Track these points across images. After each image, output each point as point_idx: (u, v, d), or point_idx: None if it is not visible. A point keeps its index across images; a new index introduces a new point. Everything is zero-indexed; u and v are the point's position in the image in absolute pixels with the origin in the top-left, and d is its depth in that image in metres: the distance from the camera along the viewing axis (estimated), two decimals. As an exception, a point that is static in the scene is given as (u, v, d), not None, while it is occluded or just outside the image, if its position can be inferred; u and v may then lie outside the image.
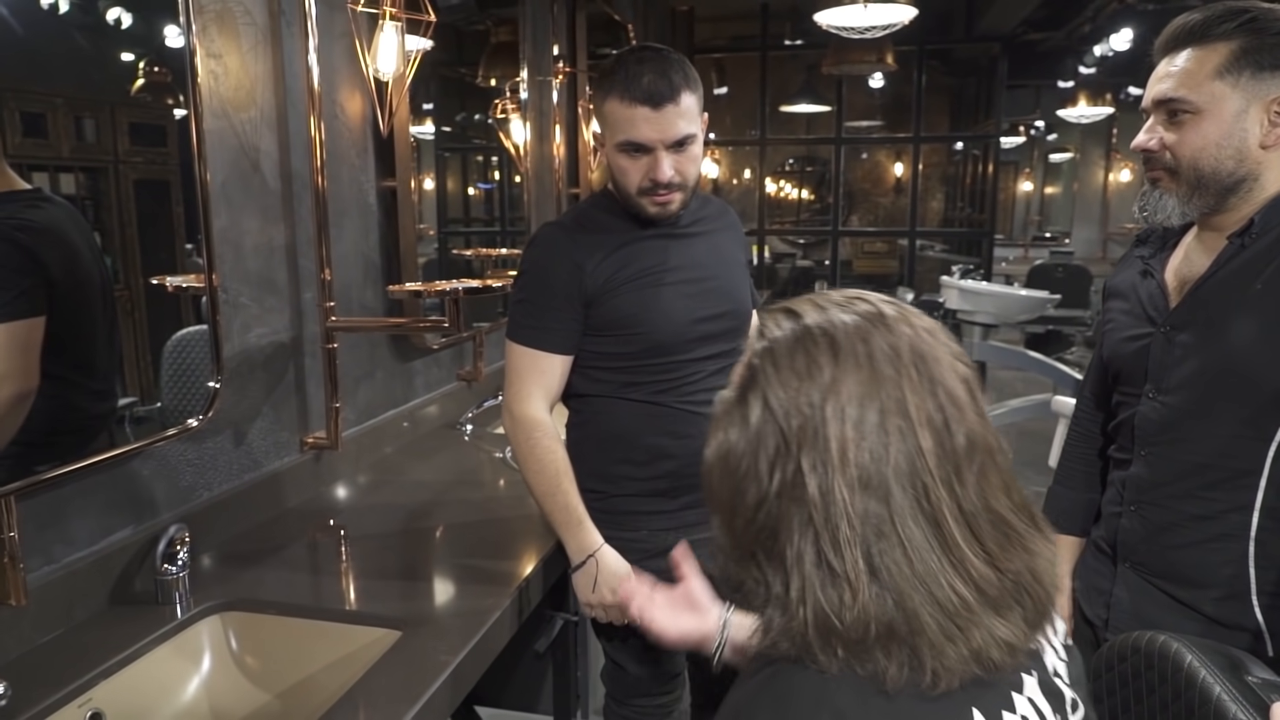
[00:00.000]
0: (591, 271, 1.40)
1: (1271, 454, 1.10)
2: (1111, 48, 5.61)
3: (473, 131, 2.86)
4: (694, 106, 1.36)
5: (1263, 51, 1.09)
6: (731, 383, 0.69)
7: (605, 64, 1.38)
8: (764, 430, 0.64)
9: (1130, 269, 1.32)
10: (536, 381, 1.40)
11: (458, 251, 2.83)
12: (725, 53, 7.26)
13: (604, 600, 1.36)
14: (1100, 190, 9.39)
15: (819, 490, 0.62)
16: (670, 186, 1.37)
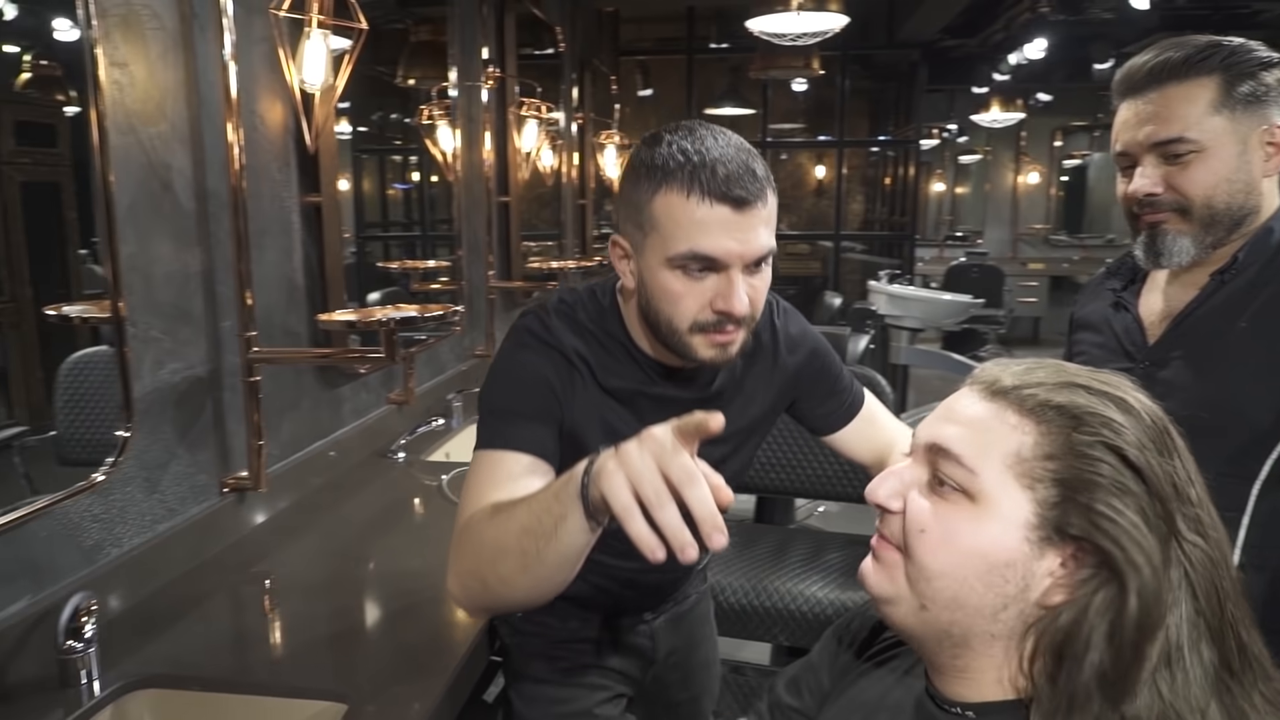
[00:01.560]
0: (569, 423, 1.11)
1: (1255, 494, 1.09)
2: (1025, 56, 5.77)
3: (390, 132, 2.73)
4: (776, 208, 1.04)
5: (1246, 82, 1.08)
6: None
7: (648, 143, 1.04)
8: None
9: (1100, 300, 1.30)
10: (491, 492, 1.02)
11: (382, 265, 2.69)
12: (651, 55, 7.21)
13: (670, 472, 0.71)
14: (1010, 192, 9.70)
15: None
16: (740, 322, 1.04)
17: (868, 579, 0.76)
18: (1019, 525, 0.68)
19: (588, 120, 4.67)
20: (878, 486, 0.76)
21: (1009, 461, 0.69)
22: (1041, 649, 0.69)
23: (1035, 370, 0.74)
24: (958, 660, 0.73)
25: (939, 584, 0.70)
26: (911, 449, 0.77)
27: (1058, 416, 0.69)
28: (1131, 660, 0.64)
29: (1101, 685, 0.65)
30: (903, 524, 0.73)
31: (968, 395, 0.75)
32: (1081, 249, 9.61)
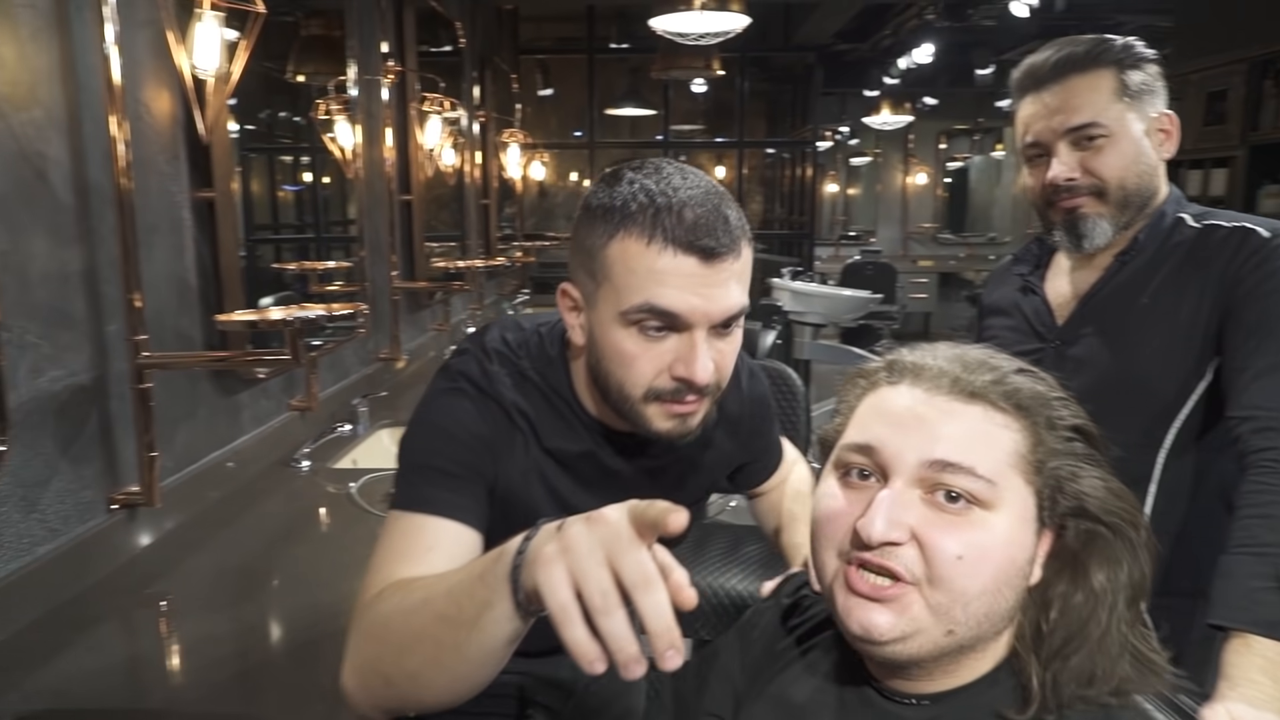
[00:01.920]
0: (503, 484, 0.98)
1: (1161, 461, 1.16)
2: (913, 61, 5.99)
3: (280, 130, 2.60)
4: (750, 262, 0.91)
5: (1137, 73, 1.15)
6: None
7: (607, 181, 0.91)
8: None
9: (1008, 286, 1.35)
10: (405, 566, 0.87)
11: (278, 266, 2.56)
12: (551, 54, 7.16)
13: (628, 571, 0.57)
14: (900, 192, 10.07)
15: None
16: (703, 391, 0.91)
17: (880, 628, 0.68)
18: (1029, 520, 0.70)
19: (490, 119, 4.60)
20: (870, 525, 0.67)
21: (1013, 461, 0.70)
22: (1024, 628, 0.71)
23: (969, 360, 0.74)
24: (950, 665, 0.72)
25: (975, 605, 0.67)
26: (881, 470, 0.71)
27: (1033, 406, 0.71)
28: (1134, 615, 0.70)
29: (1076, 640, 0.69)
30: (920, 555, 0.67)
31: (930, 397, 0.72)
32: (966, 246, 10.06)
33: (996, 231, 10.15)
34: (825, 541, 0.74)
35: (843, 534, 0.71)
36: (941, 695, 0.72)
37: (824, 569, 0.74)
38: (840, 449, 0.76)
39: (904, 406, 0.73)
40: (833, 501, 0.74)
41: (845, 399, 0.80)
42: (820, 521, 0.75)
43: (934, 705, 0.72)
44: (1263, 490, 1.01)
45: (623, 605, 0.55)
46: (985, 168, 10.27)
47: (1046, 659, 0.69)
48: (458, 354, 1.03)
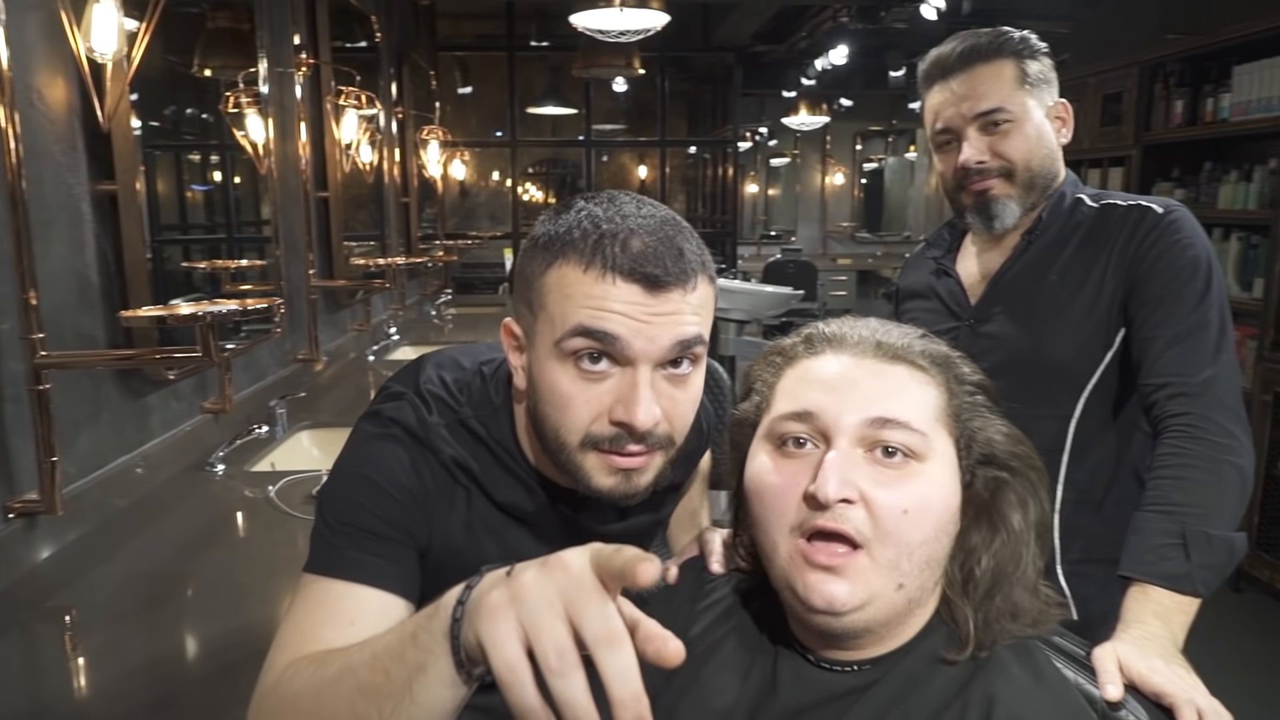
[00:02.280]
0: (440, 544, 0.88)
1: (1072, 431, 1.21)
2: (829, 62, 6.13)
3: (187, 127, 2.50)
4: (711, 300, 0.83)
5: (1035, 62, 1.21)
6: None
7: (555, 210, 0.84)
8: None
9: (922, 270, 1.40)
10: (320, 639, 0.76)
11: (188, 265, 2.46)
12: (470, 51, 7.07)
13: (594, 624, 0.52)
14: (819, 192, 10.29)
15: None
16: (647, 440, 0.80)
17: (841, 598, 0.68)
18: (954, 469, 0.74)
19: (408, 115, 4.51)
20: (824, 486, 0.67)
21: (937, 415, 0.74)
22: (954, 574, 0.75)
23: (881, 327, 0.78)
24: (897, 626, 0.73)
25: (918, 554, 0.70)
26: (822, 434, 0.72)
27: (944, 364, 0.76)
28: (1040, 551, 0.75)
29: (1001, 580, 0.73)
30: (868, 514, 0.69)
31: (859, 362, 0.75)
32: (883, 245, 10.34)
33: (911, 230, 10.46)
34: (773, 518, 0.72)
35: (793, 506, 0.71)
36: (881, 658, 0.74)
37: (775, 549, 0.73)
38: (772, 421, 0.76)
39: (835, 372, 0.75)
40: (773, 477, 0.73)
41: (760, 378, 0.81)
42: (764, 499, 0.74)
43: (874, 669, 0.74)
44: (1175, 453, 1.07)
45: (581, 667, 0.47)
46: (900, 169, 10.58)
47: (979, 601, 0.73)
48: (389, 398, 0.92)
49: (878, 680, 0.73)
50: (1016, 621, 0.73)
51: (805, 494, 0.70)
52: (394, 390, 0.92)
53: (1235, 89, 3.43)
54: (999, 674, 0.70)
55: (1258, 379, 3.27)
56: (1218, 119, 3.56)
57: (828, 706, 0.74)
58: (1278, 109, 3.18)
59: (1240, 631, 3.09)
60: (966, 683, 0.71)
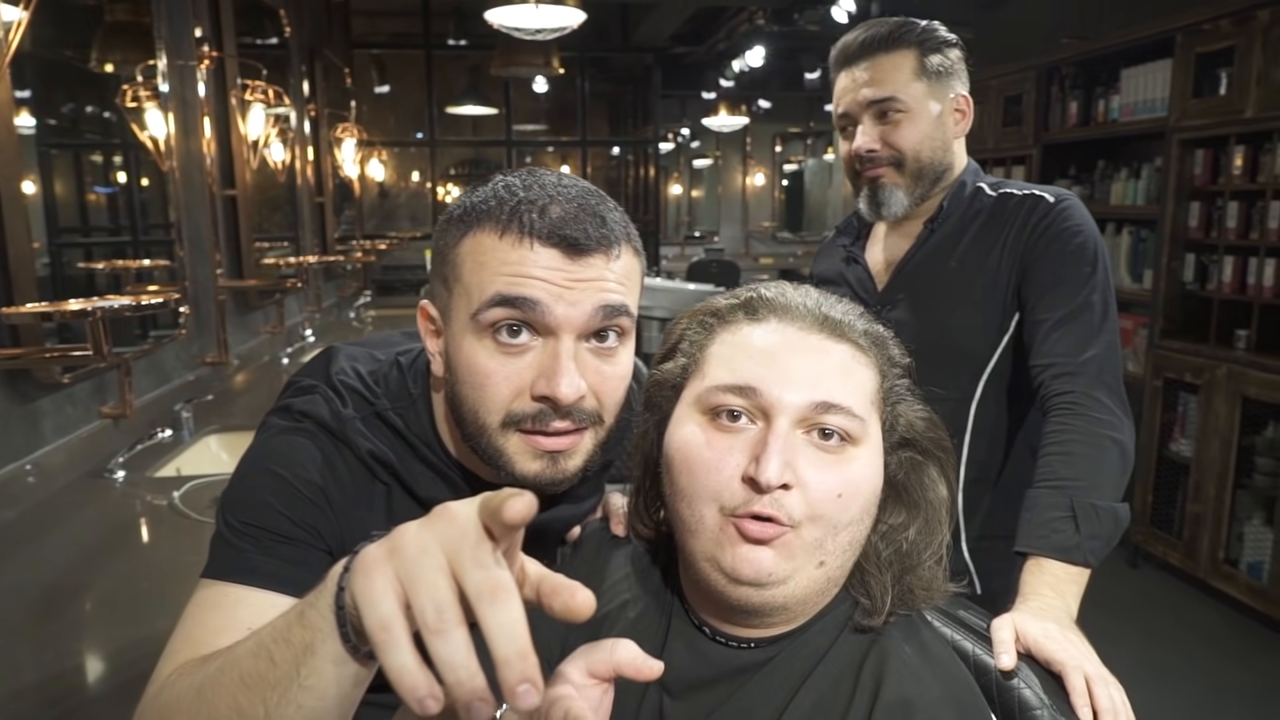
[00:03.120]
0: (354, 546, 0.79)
1: (972, 413, 1.26)
2: (747, 64, 6.23)
3: (87, 125, 2.39)
4: (637, 272, 0.80)
5: (937, 55, 1.25)
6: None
7: (473, 186, 0.80)
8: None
9: (833, 257, 1.43)
10: (216, 643, 0.70)
11: (85, 265, 2.35)
12: (386, 49, 6.95)
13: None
14: (740, 193, 10.44)
15: None
16: (573, 416, 0.76)
17: (768, 568, 0.67)
18: (881, 452, 0.74)
19: (321, 113, 4.41)
20: (767, 468, 0.65)
21: (872, 398, 0.72)
22: (875, 549, 0.75)
23: (829, 299, 0.76)
24: (808, 606, 0.73)
25: (844, 534, 0.69)
26: (762, 411, 0.69)
27: (880, 345, 0.75)
28: (941, 529, 0.76)
29: (920, 556, 0.75)
30: (802, 497, 0.67)
31: (804, 336, 0.71)
32: (804, 245, 10.55)
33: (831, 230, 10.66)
34: (705, 494, 0.69)
35: (728, 486, 0.68)
36: (779, 637, 0.74)
37: (700, 522, 0.70)
38: (706, 391, 0.71)
39: (780, 345, 0.71)
40: (706, 450, 0.70)
41: (688, 338, 0.76)
42: (694, 472, 0.70)
43: (772, 646, 0.74)
44: (1061, 430, 1.12)
45: (464, 624, 0.42)
46: (819, 170, 10.81)
47: (897, 575, 0.74)
48: (299, 391, 0.86)
49: (774, 657, 0.73)
50: (929, 593, 0.75)
51: (744, 475, 0.67)
52: (304, 383, 0.87)
53: (1123, 91, 3.62)
54: (889, 655, 0.71)
55: (1149, 365, 3.45)
56: (1109, 119, 3.74)
57: (723, 683, 0.74)
58: (1161, 110, 3.37)
59: (1136, 605, 3.26)
60: (859, 662, 0.71)
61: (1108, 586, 3.40)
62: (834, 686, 0.71)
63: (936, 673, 0.70)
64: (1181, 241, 3.34)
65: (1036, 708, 0.79)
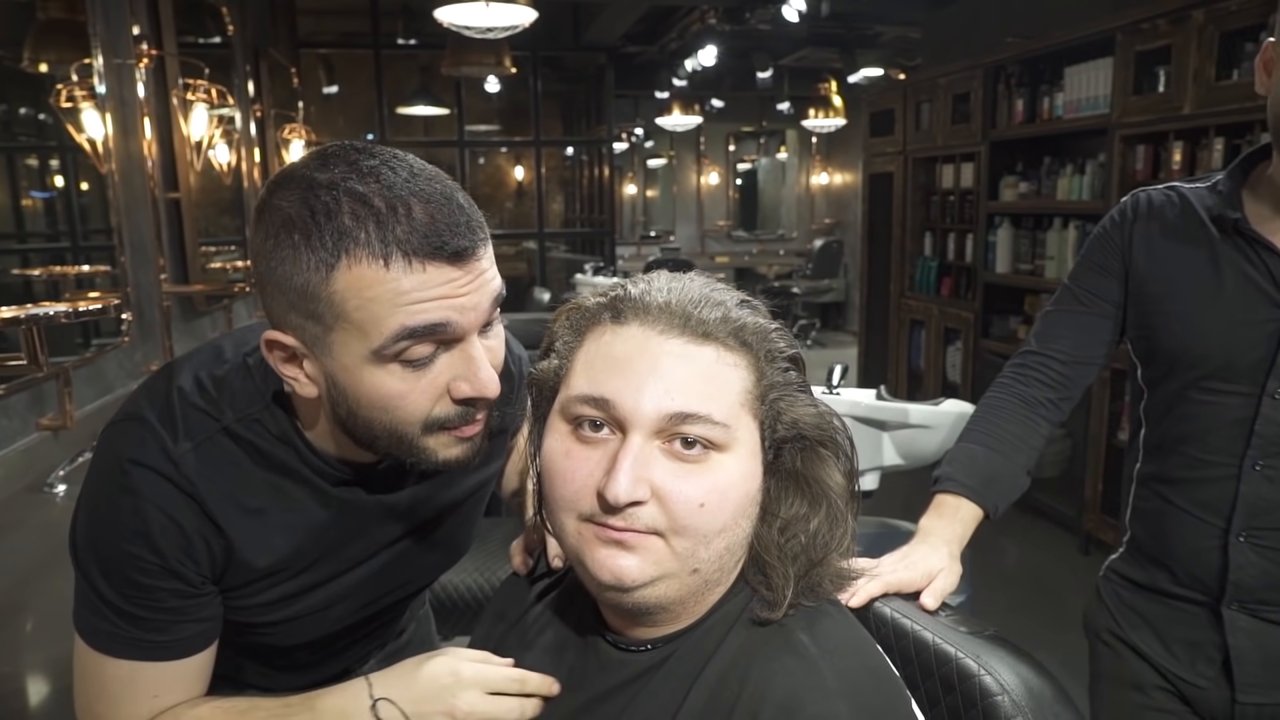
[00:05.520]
0: (237, 563, 0.81)
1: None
2: (699, 63, 6.24)
3: (21, 128, 2.31)
4: (491, 249, 0.78)
5: None
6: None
7: (292, 186, 0.71)
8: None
9: (1174, 238, 1.13)
10: (150, 705, 0.80)
11: (18, 271, 2.27)
12: (334, 48, 6.83)
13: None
14: (695, 192, 10.47)
15: None
16: (491, 404, 0.79)
17: (630, 573, 0.66)
18: (756, 453, 0.71)
19: (268, 114, 4.32)
20: (615, 485, 0.64)
21: (743, 400, 0.69)
22: (770, 542, 0.73)
23: (694, 295, 0.70)
24: (694, 604, 0.72)
25: (717, 542, 0.68)
26: (617, 423, 0.68)
27: (755, 341, 0.71)
28: (846, 517, 0.74)
29: (827, 549, 0.73)
30: (661, 509, 0.66)
31: (664, 341, 0.68)
32: (758, 243, 10.64)
33: (785, 228, 10.79)
34: (564, 504, 0.69)
35: (584, 497, 0.68)
36: (674, 635, 0.73)
37: (563, 528, 0.70)
38: (568, 400, 0.71)
39: (635, 353, 0.68)
40: (565, 461, 0.69)
41: (560, 337, 0.74)
42: (555, 481, 0.70)
43: (667, 645, 0.73)
44: None
45: None
46: (772, 169, 10.90)
47: (803, 570, 0.72)
48: (126, 422, 0.79)
49: (669, 658, 0.72)
50: (838, 583, 0.74)
51: (598, 490, 0.66)
52: (135, 412, 0.79)
53: (1067, 88, 3.69)
54: (783, 647, 0.68)
55: (1096, 356, 3.52)
56: (1053, 116, 3.82)
57: (624, 690, 0.73)
58: (1104, 107, 3.45)
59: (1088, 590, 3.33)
60: (752, 656, 0.69)
61: (1061, 574, 3.47)
62: (723, 683, 0.68)
63: (833, 662, 0.67)
64: (1125, 235, 3.42)
65: (997, 694, 0.79)
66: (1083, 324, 1.20)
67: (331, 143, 0.75)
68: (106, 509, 0.77)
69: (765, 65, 6.83)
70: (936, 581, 0.92)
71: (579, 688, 0.76)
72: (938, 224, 4.90)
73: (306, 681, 0.92)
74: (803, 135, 10.35)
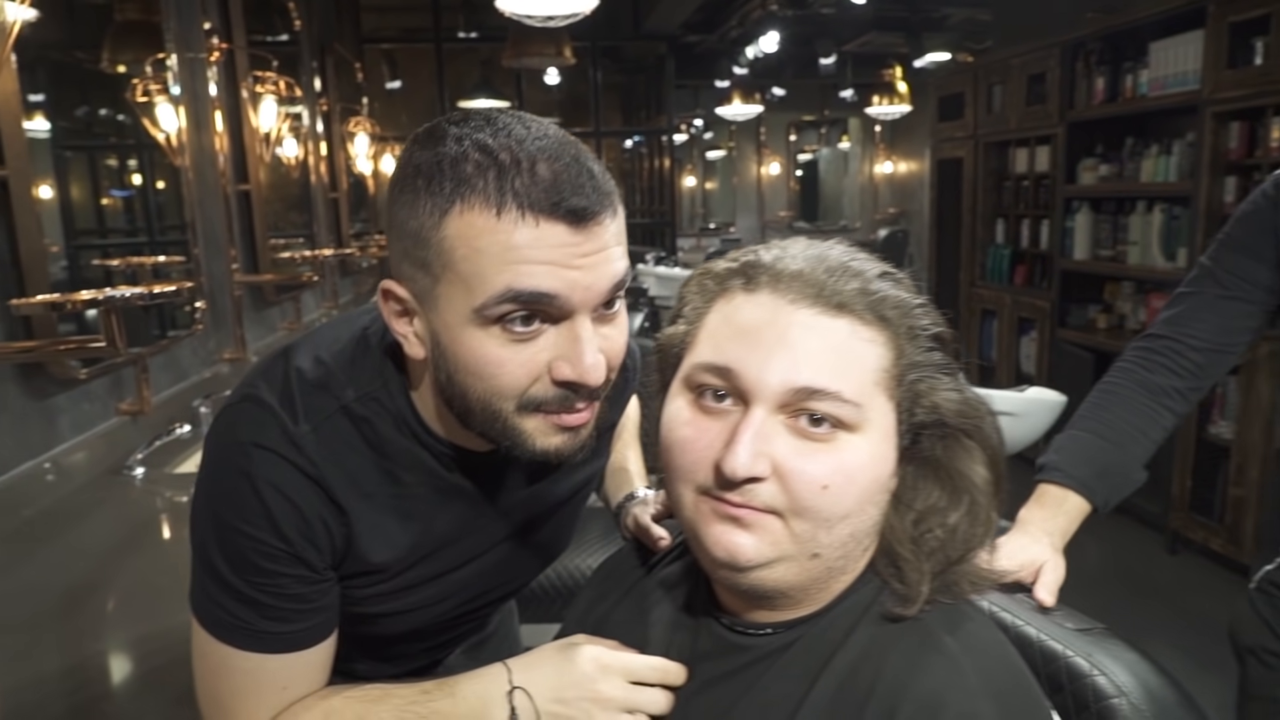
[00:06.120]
0: (355, 552, 0.80)
1: None
2: (760, 50, 6.15)
3: (101, 128, 2.36)
4: (624, 227, 0.74)
5: None
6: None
7: (425, 141, 0.70)
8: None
9: None
10: (278, 698, 0.78)
11: (99, 262, 2.33)
12: (396, 43, 6.92)
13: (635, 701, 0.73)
14: (755, 183, 10.36)
15: None
16: (594, 394, 0.74)
17: (745, 552, 0.63)
18: (890, 435, 0.66)
19: (333, 109, 4.38)
20: (733, 459, 0.62)
21: (877, 379, 0.65)
22: (902, 532, 0.69)
23: (832, 264, 0.66)
24: (817, 591, 0.69)
25: (840, 528, 0.64)
26: (740, 394, 0.65)
27: (895, 316, 0.66)
28: (989, 515, 0.68)
29: (968, 547, 0.68)
30: (781, 488, 0.63)
31: (794, 311, 0.65)
32: (820, 234, 10.46)
33: (847, 219, 10.61)
34: (681, 474, 0.67)
35: (701, 469, 0.65)
36: (800, 620, 0.69)
37: (680, 499, 0.68)
38: (692, 368, 0.68)
39: (764, 322, 0.65)
40: (685, 429, 0.67)
41: (690, 302, 0.72)
42: (674, 451, 0.68)
43: (789, 631, 0.69)
44: None
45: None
46: (834, 159, 10.73)
47: (940, 567, 0.68)
48: (244, 404, 0.77)
49: (792, 644, 0.69)
50: (977, 585, 0.69)
51: (716, 461, 0.64)
52: (253, 393, 0.77)
53: (1152, 65, 3.52)
54: (924, 644, 0.65)
55: (1183, 346, 3.35)
56: (1137, 95, 3.65)
57: (741, 674, 0.70)
58: (1193, 83, 3.27)
59: (1174, 592, 3.18)
60: (886, 650, 0.65)
61: (1145, 573, 3.32)
62: (853, 674, 0.65)
63: (976, 662, 0.63)
64: (1217, 218, 3.24)
65: (1113, 696, 0.73)
66: (1223, 309, 1.13)
67: (479, 109, 0.74)
68: (228, 494, 0.75)
69: (828, 51, 6.70)
70: (1046, 575, 0.86)
71: (692, 669, 0.73)
72: (1010, 210, 4.74)
73: (397, 671, 0.91)
74: (866, 123, 10.15)
